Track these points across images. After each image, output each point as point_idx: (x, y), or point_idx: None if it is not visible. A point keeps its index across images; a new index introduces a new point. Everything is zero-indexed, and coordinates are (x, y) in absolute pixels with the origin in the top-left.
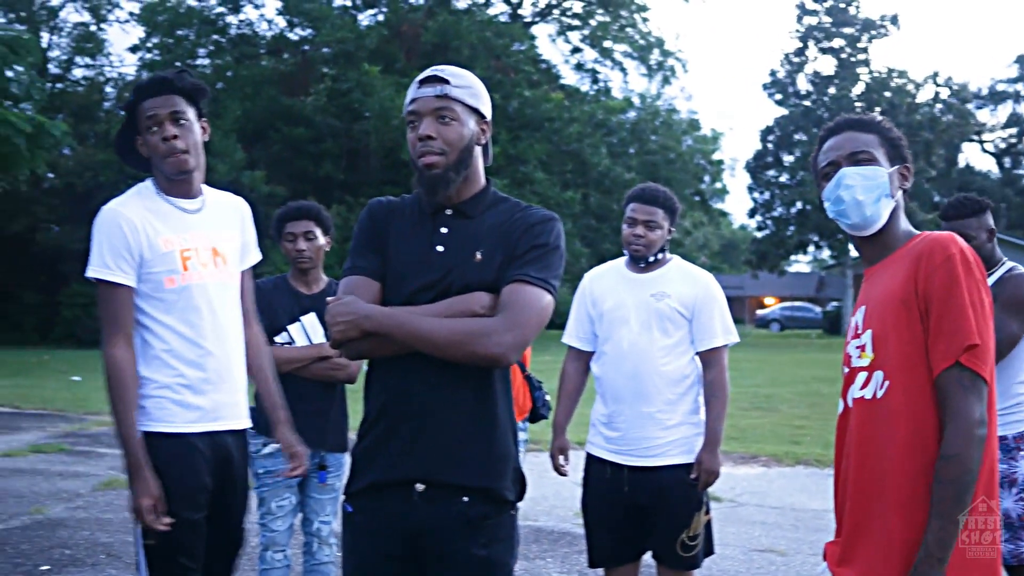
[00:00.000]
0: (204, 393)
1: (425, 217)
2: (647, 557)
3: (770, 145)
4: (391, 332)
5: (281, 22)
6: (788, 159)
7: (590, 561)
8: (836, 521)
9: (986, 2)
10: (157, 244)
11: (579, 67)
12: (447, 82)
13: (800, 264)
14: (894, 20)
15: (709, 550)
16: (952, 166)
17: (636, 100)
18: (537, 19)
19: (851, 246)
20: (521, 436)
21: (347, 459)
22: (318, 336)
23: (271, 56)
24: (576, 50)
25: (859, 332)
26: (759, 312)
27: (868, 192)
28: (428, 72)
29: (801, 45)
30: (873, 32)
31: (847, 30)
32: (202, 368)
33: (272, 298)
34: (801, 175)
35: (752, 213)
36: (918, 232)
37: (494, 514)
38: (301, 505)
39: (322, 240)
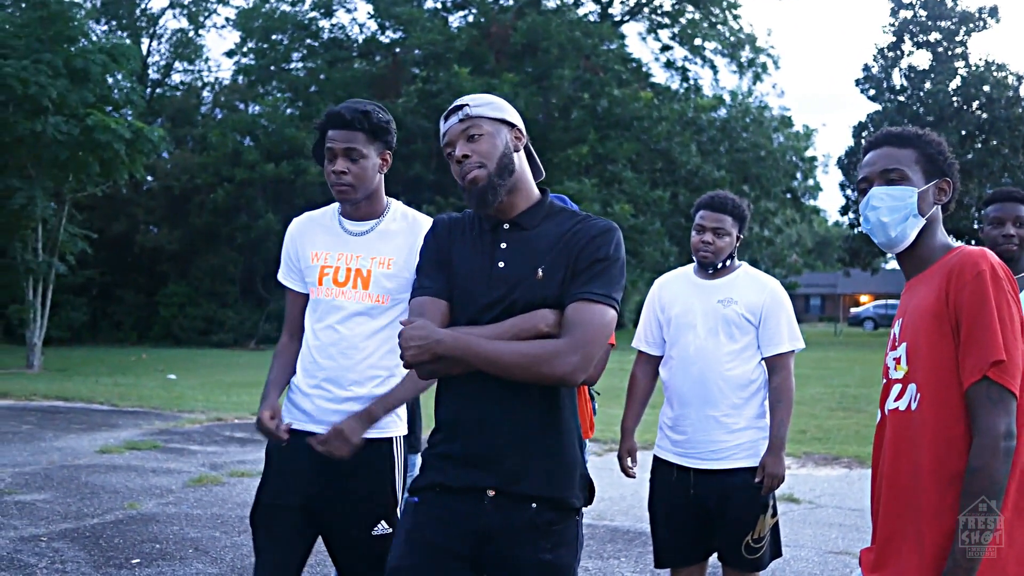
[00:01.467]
0: (309, 397)
1: (485, 233)
2: (713, 558)
3: (863, 141)
4: (461, 356)
5: (372, 25)
6: None
7: (656, 561)
8: (872, 527)
9: None
10: (307, 256)
11: (669, 65)
12: (465, 105)
13: (893, 262)
14: (993, 12)
15: (776, 552)
16: None
17: (726, 98)
18: (627, 17)
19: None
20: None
21: (419, 460)
22: None
23: (363, 59)
24: (666, 48)
25: (896, 344)
26: (853, 310)
27: (893, 213)
28: (450, 107)
29: (895, 39)
30: (971, 25)
31: (943, 23)
32: (307, 373)
33: None
34: None
35: (844, 210)
36: (956, 245)
37: (560, 520)
38: None
39: None
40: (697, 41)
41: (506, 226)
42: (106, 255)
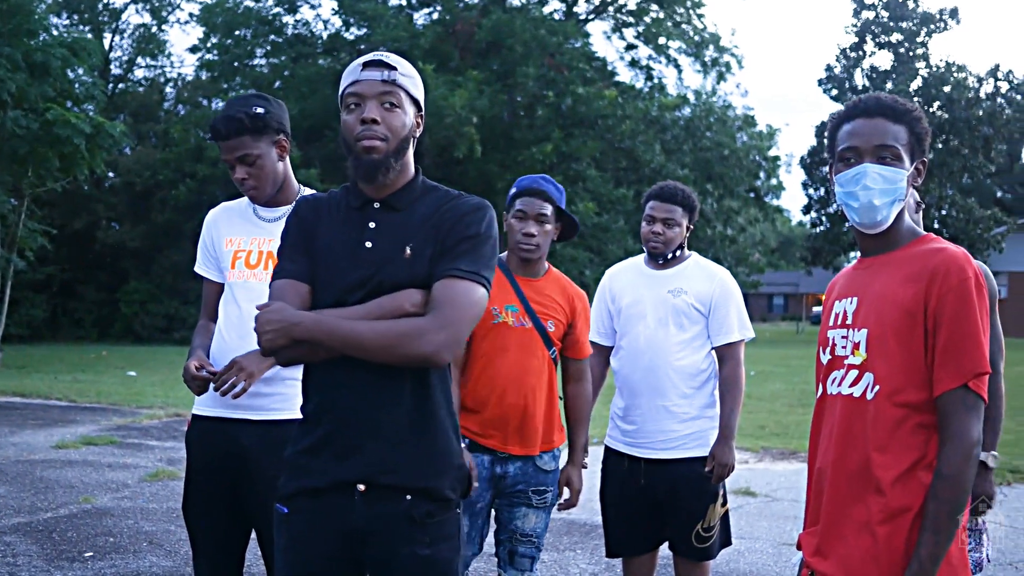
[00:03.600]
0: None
1: (353, 212)
2: (664, 547)
3: (825, 141)
4: (321, 339)
5: (337, 22)
6: None
7: (608, 551)
8: (808, 510)
9: None
10: (222, 243)
11: (633, 64)
12: (395, 68)
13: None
14: (953, 14)
15: (726, 541)
16: (1015, 161)
17: (690, 97)
18: (592, 16)
19: None
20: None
21: None
22: None
23: (327, 55)
24: (631, 47)
25: (849, 323)
26: (814, 309)
27: (885, 196)
28: (372, 56)
29: (858, 40)
30: (932, 26)
31: (905, 24)
32: (214, 359)
33: None
34: None
35: (807, 210)
36: (923, 232)
37: (439, 512)
38: None
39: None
40: (661, 40)
41: (376, 205)
42: (67, 251)
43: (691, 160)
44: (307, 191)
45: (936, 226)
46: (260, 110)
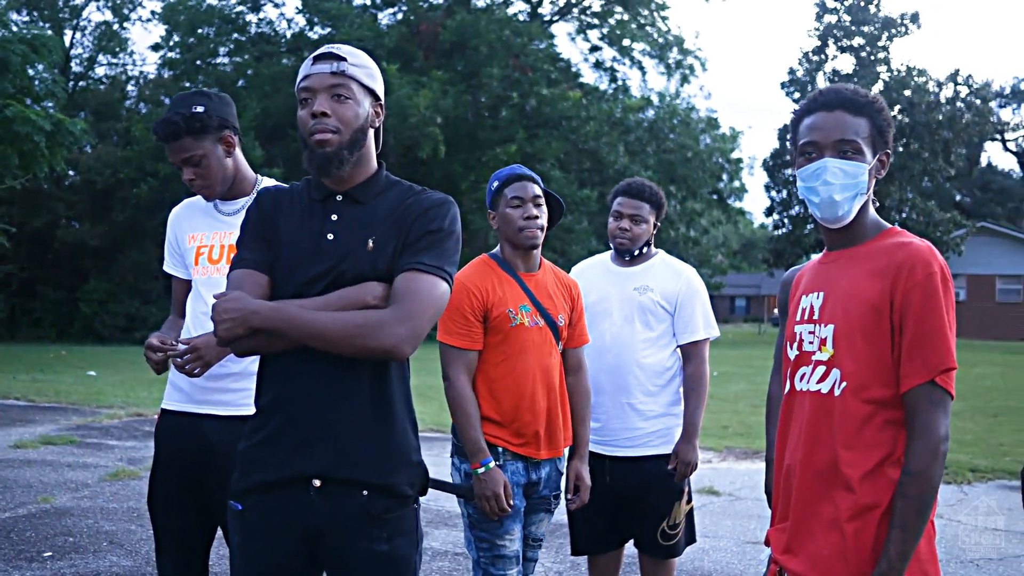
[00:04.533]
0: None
1: (315, 204)
2: (629, 545)
3: (788, 144)
4: (280, 328)
5: (301, 21)
6: None
7: (573, 549)
8: (774, 507)
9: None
10: (185, 240)
11: (598, 65)
12: (344, 59)
13: None
14: (914, 19)
15: (691, 539)
16: (974, 165)
17: (654, 99)
18: (556, 17)
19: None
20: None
21: None
22: None
23: (291, 54)
24: (595, 48)
25: (815, 319)
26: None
27: (845, 191)
28: (323, 49)
29: (820, 44)
30: (893, 31)
31: (867, 28)
32: None
33: None
34: None
35: (769, 212)
36: (888, 225)
37: (396, 508)
38: None
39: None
40: (626, 42)
41: (339, 198)
42: (26, 250)
43: (655, 162)
44: (268, 181)
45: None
46: (200, 109)
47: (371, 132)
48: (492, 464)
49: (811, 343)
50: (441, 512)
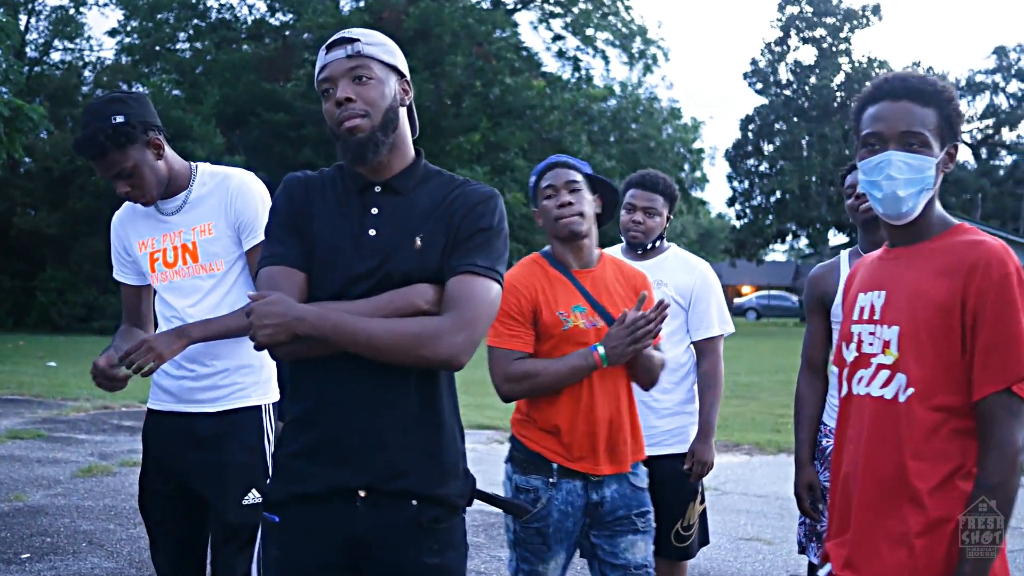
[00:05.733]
0: (172, 378)
1: (351, 195)
2: None
3: (750, 134)
4: (328, 336)
5: (262, 7)
6: (768, 148)
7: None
8: (833, 518)
9: None
10: (135, 247)
11: (560, 55)
12: (357, 40)
13: (776, 253)
14: (876, 10)
15: (704, 540)
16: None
17: (617, 89)
18: (519, 6)
19: (830, 235)
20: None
21: None
22: None
23: (251, 41)
24: (558, 37)
25: (877, 319)
26: (736, 300)
27: (911, 186)
28: (335, 36)
29: (782, 35)
30: (855, 22)
31: (829, 20)
32: (172, 359)
33: None
34: (781, 164)
35: (731, 202)
36: (955, 221)
37: (447, 518)
38: None
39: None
40: (589, 31)
41: (377, 188)
42: None
43: (617, 152)
44: (205, 167)
45: None
46: (120, 119)
47: (403, 112)
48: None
49: (872, 344)
50: None
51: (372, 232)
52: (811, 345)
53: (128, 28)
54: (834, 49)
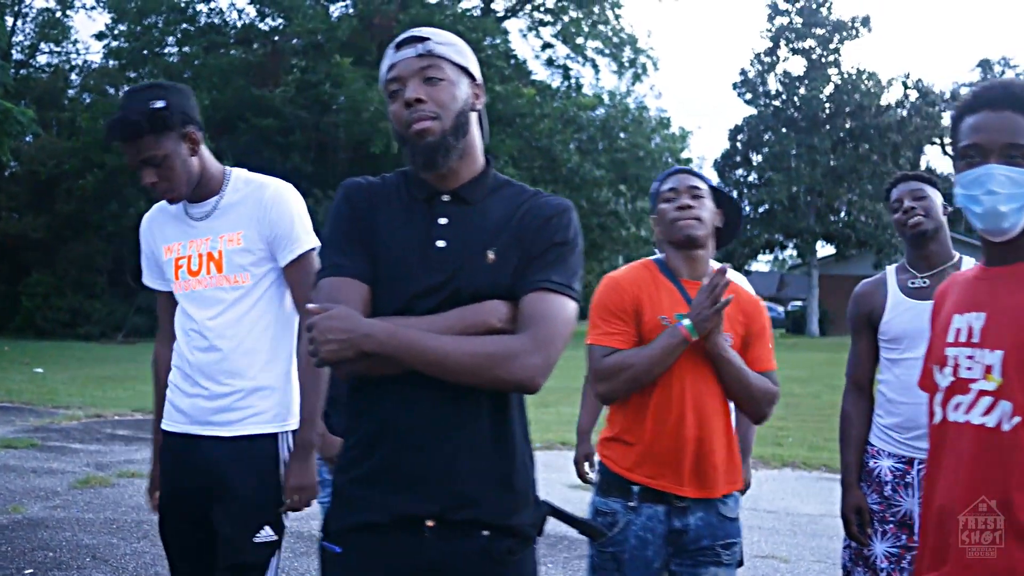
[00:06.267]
0: (186, 396)
1: (417, 203)
2: None
3: (739, 144)
4: (397, 354)
5: (252, 12)
6: (756, 159)
7: None
8: (925, 551)
9: (952, 6)
10: (161, 252)
11: (550, 63)
12: (428, 39)
13: (759, 264)
14: (865, 21)
15: (740, 561)
16: (915, 168)
17: (606, 97)
18: (509, 14)
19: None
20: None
21: None
22: None
23: (240, 46)
24: (547, 46)
25: (976, 342)
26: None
27: (1013, 202)
28: (404, 35)
29: (772, 45)
30: (844, 33)
31: (818, 31)
32: (181, 372)
33: None
34: (769, 175)
35: None
36: None
37: (519, 549)
38: None
39: None
40: (579, 40)
41: (445, 197)
42: None
43: (606, 160)
44: (240, 172)
45: (845, 231)
46: (160, 104)
47: (474, 117)
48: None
49: (970, 369)
50: None
51: (440, 243)
52: (857, 364)
53: (116, 31)
54: (823, 60)
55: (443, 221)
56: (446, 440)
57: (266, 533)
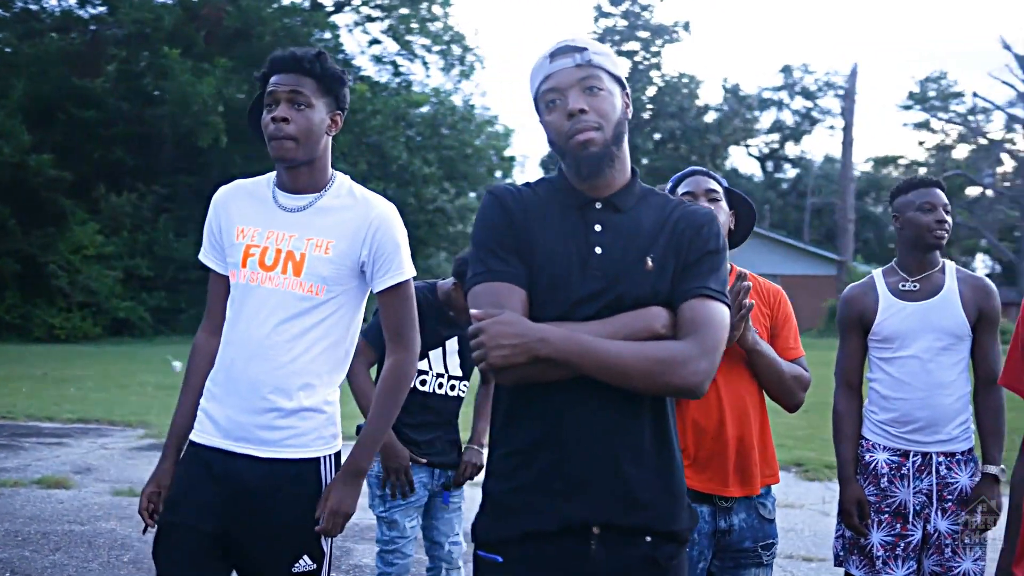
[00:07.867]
0: (223, 405)
1: (569, 211)
2: None
3: None
4: (571, 360)
5: None
6: None
7: None
8: (1020, 544)
9: (761, 12)
10: (232, 232)
11: (378, 60)
12: (585, 48)
13: None
14: (686, 26)
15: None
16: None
17: (433, 95)
18: (336, 9)
19: None
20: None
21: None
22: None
23: (58, 32)
24: (375, 42)
25: None
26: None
27: None
28: (559, 44)
29: None
30: (666, 37)
31: (642, 34)
32: (221, 377)
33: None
34: None
35: None
36: None
37: (678, 553)
38: (424, 530)
39: None
40: (408, 37)
41: (598, 205)
42: None
43: (435, 157)
44: (346, 179)
45: None
46: (337, 70)
47: (625, 126)
48: None
49: None
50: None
51: (598, 250)
52: (848, 364)
53: None
54: (646, 63)
55: (598, 228)
56: (611, 446)
57: (305, 563)
